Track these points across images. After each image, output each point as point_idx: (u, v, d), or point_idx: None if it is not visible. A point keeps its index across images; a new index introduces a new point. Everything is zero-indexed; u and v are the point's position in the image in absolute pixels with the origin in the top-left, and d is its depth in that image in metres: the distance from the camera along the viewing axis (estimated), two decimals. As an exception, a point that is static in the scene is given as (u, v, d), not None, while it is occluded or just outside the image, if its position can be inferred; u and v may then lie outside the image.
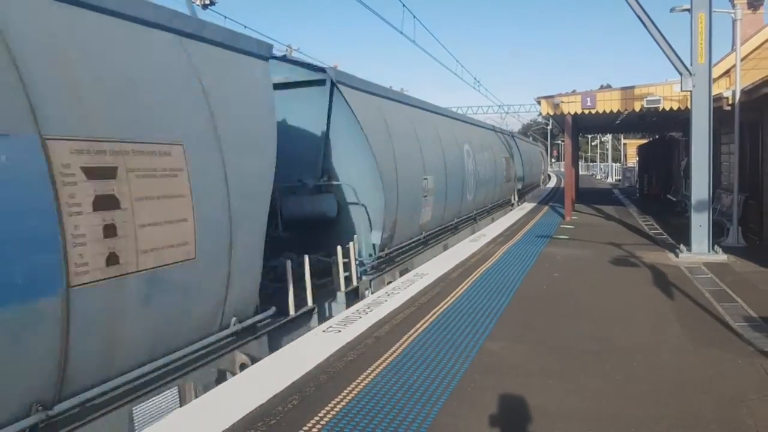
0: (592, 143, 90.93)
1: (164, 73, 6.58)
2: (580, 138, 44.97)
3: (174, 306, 6.41)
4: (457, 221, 19.83)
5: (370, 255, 12.46)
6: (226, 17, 37.76)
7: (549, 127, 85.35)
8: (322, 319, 9.87)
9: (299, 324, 9.46)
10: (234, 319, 7.51)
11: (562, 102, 19.50)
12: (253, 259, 7.83)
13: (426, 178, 15.70)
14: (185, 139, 6.54)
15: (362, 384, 5.98)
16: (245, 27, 31.97)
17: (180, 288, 6.44)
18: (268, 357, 7.13)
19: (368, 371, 6.33)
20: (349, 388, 5.86)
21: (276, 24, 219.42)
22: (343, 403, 5.51)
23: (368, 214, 12.33)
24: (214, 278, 7.09)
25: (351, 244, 11.35)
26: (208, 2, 16.43)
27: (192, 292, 6.66)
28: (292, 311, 9.19)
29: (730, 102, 15.59)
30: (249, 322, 7.83)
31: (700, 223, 13.18)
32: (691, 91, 13.25)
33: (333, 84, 11.93)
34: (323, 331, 7.92)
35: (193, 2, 16.26)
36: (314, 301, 9.86)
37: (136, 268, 5.73)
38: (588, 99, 19.14)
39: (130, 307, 5.70)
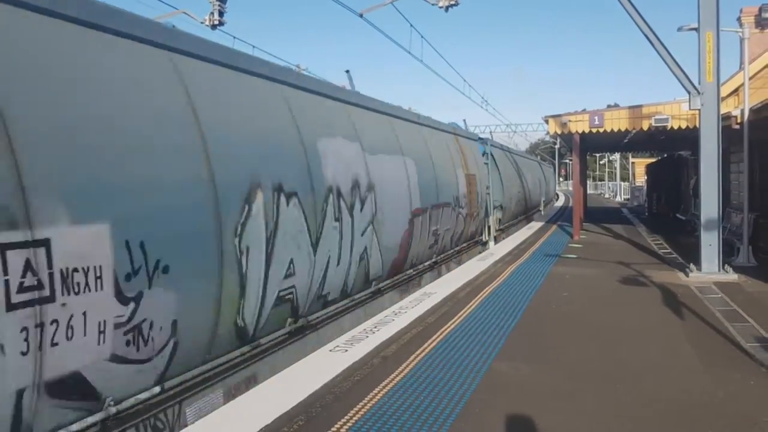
0: (600, 162, 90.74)
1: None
2: (588, 157, 44.87)
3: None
4: (521, 216, 32.72)
5: (497, 225, 24.55)
6: (235, 37, 38.12)
7: (557, 147, 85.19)
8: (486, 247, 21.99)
9: (483, 248, 21.75)
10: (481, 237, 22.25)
11: (570, 121, 19.50)
12: (482, 218, 21.89)
13: (515, 188, 29.53)
14: (476, 173, 20.91)
15: (369, 405, 5.92)
16: (254, 47, 32.26)
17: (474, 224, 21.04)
18: (274, 376, 7.06)
19: (375, 391, 6.28)
20: (355, 409, 5.80)
21: (285, 43, 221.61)
22: (349, 424, 5.46)
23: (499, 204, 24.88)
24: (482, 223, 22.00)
25: (491, 218, 23.27)
26: (216, 23, 16.58)
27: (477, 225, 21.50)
28: (484, 239, 22.73)
29: (739, 121, 15.54)
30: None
31: (710, 243, 13.08)
32: (699, 110, 13.22)
33: (484, 142, 24.75)
34: (330, 350, 7.87)
35: (202, 22, 16.44)
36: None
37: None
38: (596, 118, 19.13)
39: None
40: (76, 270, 4.98)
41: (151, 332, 5.80)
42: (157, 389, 5.96)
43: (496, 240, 23.19)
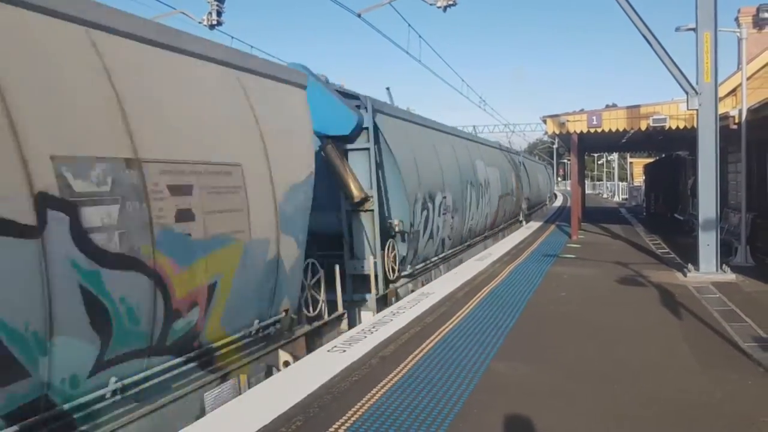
0: (598, 162, 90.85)
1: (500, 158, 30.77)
2: (586, 157, 44.97)
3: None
4: (536, 207, 42.23)
5: (525, 210, 33.68)
6: (233, 37, 38.16)
7: (555, 146, 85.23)
8: (521, 225, 30.84)
9: (519, 224, 30.99)
10: (518, 217, 32.92)
11: (568, 121, 19.51)
12: (520, 205, 33.83)
13: (534, 186, 40.22)
14: (518, 175, 33.03)
15: (367, 405, 5.92)
16: (252, 47, 32.28)
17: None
18: (270, 378, 7.07)
19: (373, 392, 6.27)
20: (353, 409, 5.80)
21: (284, 43, 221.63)
22: (347, 425, 5.45)
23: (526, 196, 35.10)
24: (520, 208, 34.56)
25: (523, 204, 32.83)
26: (215, 23, 16.57)
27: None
28: (520, 219, 32.09)
29: (737, 121, 15.55)
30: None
31: (707, 242, 13.09)
32: (697, 110, 13.22)
33: (517, 154, 36.95)
34: (328, 350, 7.87)
35: (200, 22, 16.42)
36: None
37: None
38: (594, 118, 19.15)
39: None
40: (447, 207, 16.96)
41: (446, 230, 17.08)
42: (436, 257, 16.56)
43: (526, 220, 32.93)
